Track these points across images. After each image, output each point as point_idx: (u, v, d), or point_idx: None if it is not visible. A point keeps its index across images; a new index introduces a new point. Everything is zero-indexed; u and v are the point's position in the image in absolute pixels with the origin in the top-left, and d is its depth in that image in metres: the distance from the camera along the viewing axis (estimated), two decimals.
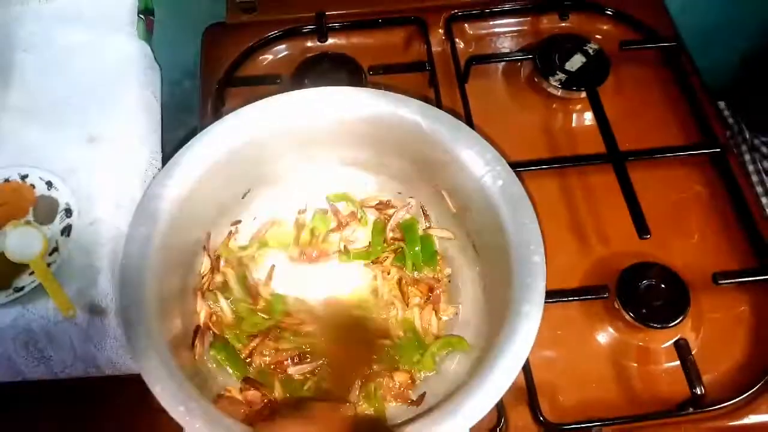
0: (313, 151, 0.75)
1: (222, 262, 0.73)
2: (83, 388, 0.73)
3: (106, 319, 0.70)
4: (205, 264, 0.71)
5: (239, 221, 0.75)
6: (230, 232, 0.75)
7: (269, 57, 0.93)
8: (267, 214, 0.77)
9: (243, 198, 0.75)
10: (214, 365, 0.68)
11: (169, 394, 0.56)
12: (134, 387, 0.58)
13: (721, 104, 1.15)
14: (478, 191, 0.66)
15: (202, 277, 0.71)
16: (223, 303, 0.70)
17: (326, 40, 0.91)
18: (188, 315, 0.68)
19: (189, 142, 0.67)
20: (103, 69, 0.85)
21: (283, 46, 0.93)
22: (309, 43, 0.93)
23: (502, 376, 0.56)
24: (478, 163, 0.66)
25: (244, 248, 0.75)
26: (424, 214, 0.76)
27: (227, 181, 0.71)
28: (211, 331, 0.69)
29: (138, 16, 0.91)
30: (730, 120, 1.15)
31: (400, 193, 0.77)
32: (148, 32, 0.93)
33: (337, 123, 0.71)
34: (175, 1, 0.98)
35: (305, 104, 0.70)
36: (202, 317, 0.69)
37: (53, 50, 0.87)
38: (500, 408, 0.66)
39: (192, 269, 0.71)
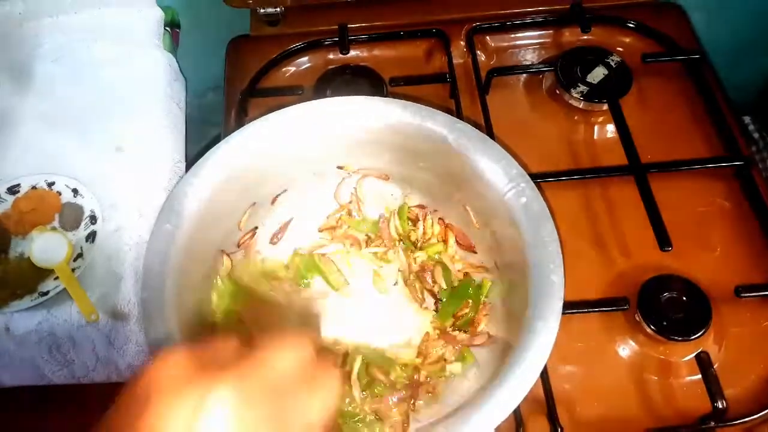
0: (339, 161, 0.76)
1: None
2: (102, 393, 0.74)
3: (128, 324, 0.71)
4: (226, 264, 0.73)
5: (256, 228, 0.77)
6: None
7: (292, 69, 0.94)
8: (291, 221, 0.78)
9: (272, 204, 0.77)
10: None
11: None
12: None
13: (747, 119, 1.14)
14: (502, 208, 0.66)
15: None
16: None
17: (348, 52, 0.92)
18: (206, 310, 0.70)
19: (216, 145, 0.69)
20: (130, 80, 0.87)
21: (305, 58, 0.94)
22: (331, 56, 0.94)
23: (509, 395, 0.55)
24: (503, 180, 0.66)
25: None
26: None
27: (252, 184, 0.72)
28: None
29: (164, 28, 0.93)
30: (756, 135, 1.14)
31: (424, 206, 0.78)
32: (174, 44, 0.95)
33: (362, 132, 0.72)
34: (200, 14, 1.00)
35: (332, 112, 0.71)
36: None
37: (81, 61, 0.89)
38: (519, 419, 0.65)
39: (214, 268, 0.72)
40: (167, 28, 0.94)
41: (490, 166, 0.67)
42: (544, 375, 0.66)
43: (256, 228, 0.76)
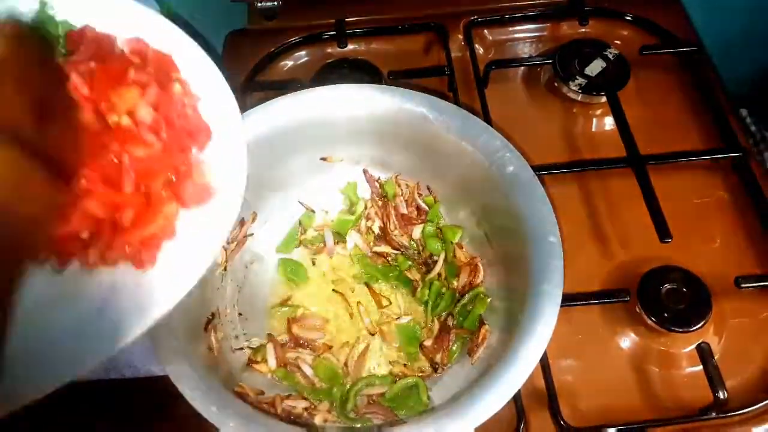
0: (323, 152, 0.76)
1: None
2: (109, 394, 0.74)
3: None
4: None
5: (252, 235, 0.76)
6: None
7: (289, 63, 0.94)
8: (278, 218, 0.78)
9: (258, 200, 0.76)
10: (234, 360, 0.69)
11: (182, 377, 0.57)
12: (161, 394, 0.59)
13: (744, 112, 1.14)
14: (489, 179, 0.67)
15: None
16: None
17: (346, 46, 0.92)
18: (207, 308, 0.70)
19: None
20: None
21: (303, 52, 0.94)
22: (329, 49, 0.94)
23: (526, 357, 0.56)
24: (487, 151, 0.67)
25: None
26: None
27: None
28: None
29: None
30: (753, 128, 1.14)
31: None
32: None
33: (345, 121, 0.72)
34: (197, 8, 1.00)
35: (311, 104, 0.71)
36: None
37: None
38: (520, 411, 0.65)
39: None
40: None
41: (473, 140, 0.68)
42: (546, 367, 0.67)
43: (243, 219, 0.76)
